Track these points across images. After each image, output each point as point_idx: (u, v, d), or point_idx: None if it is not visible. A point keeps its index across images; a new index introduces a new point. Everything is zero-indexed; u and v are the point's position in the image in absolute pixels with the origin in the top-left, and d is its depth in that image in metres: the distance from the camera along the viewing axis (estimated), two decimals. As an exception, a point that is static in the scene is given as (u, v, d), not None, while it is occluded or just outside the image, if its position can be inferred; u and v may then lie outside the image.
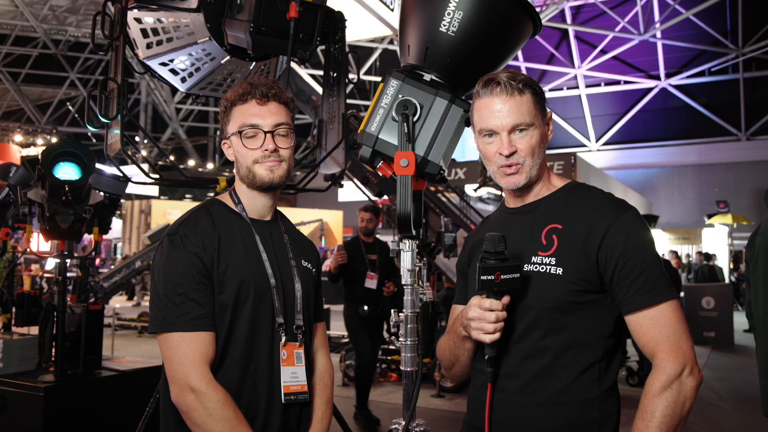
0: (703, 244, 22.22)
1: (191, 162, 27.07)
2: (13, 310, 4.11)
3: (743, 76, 25.66)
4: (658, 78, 27.09)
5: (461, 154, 19.91)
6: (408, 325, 1.53)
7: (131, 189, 19.24)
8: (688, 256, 22.31)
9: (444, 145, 1.53)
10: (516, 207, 1.66)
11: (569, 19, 27.15)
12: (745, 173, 24.54)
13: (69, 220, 3.39)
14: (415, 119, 1.52)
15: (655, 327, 1.46)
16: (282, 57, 3.39)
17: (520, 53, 26.23)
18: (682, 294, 10.46)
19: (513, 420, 1.52)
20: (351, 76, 3.75)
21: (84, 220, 3.47)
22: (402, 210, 1.50)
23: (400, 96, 1.53)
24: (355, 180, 6.92)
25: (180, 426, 1.60)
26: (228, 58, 3.17)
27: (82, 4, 22.67)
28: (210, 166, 27.81)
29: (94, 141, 22.64)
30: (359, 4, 11.85)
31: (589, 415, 1.49)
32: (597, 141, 28.07)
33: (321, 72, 4.12)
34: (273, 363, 1.67)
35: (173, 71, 3.23)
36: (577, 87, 28.30)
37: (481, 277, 1.42)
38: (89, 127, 3.36)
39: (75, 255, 3.79)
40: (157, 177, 3.74)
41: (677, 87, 26.90)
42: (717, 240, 21.64)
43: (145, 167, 3.55)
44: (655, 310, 1.46)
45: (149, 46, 3.15)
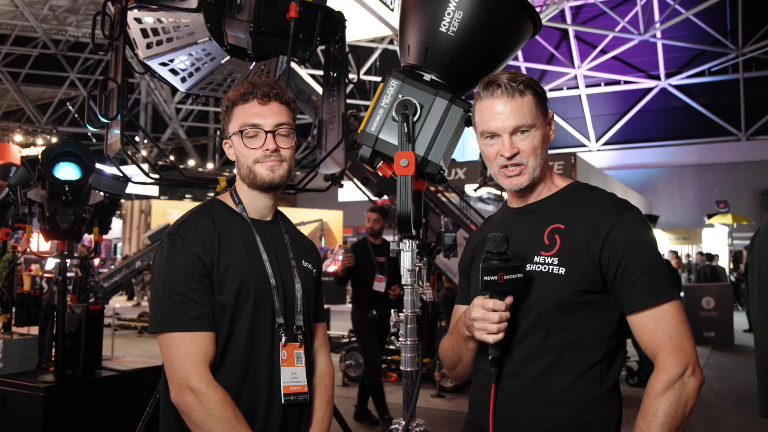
0: (703, 244, 22.23)
1: (191, 162, 27.07)
2: (13, 310, 4.11)
3: (743, 76, 25.66)
4: (658, 78, 27.09)
5: (461, 154, 19.90)
6: (408, 325, 1.53)
7: (131, 189, 19.24)
8: (688, 256, 22.32)
9: (444, 145, 1.52)
10: (518, 207, 1.66)
11: (569, 19, 27.15)
12: (745, 173, 24.53)
13: (69, 220, 3.39)
14: (415, 119, 1.52)
15: (658, 327, 1.46)
16: (282, 57, 3.38)
17: (520, 53, 26.23)
18: (682, 294, 10.46)
19: (515, 420, 1.52)
20: (351, 76, 3.75)
21: (84, 220, 3.47)
22: (402, 210, 1.50)
23: (400, 96, 1.53)
24: (355, 180, 6.92)
25: (180, 426, 1.60)
26: (228, 58, 3.17)
27: (82, 4, 22.67)
28: (210, 166, 27.81)
29: (94, 141, 22.65)
30: (359, 4, 11.85)
31: (591, 415, 1.49)
32: (597, 141, 28.07)
33: (321, 72, 4.11)
34: (273, 363, 1.67)
35: (173, 71, 3.23)
36: (577, 87, 28.30)
37: (485, 278, 1.42)
38: (89, 127, 3.36)
39: (75, 255, 3.79)
40: (157, 177, 3.74)
41: (677, 87, 26.90)
42: (717, 240, 21.66)
43: (145, 167, 3.55)
44: (658, 310, 1.47)
45: (149, 46, 3.15)
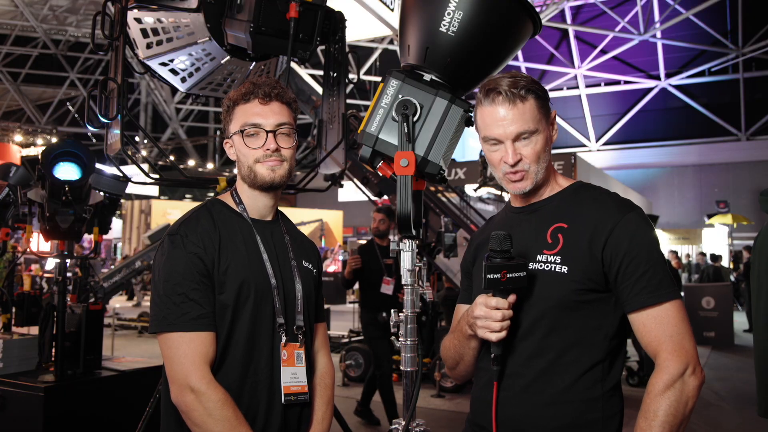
0: (703, 244, 22.23)
1: (191, 162, 27.06)
2: (13, 310, 4.11)
3: (743, 76, 25.65)
4: (658, 78, 27.09)
5: (461, 154, 19.90)
6: (408, 325, 1.53)
7: (131, 189, 19.24)
8: (688, 256, 22.33)
9: (444, 145, 1.52)
10: (522, 206, 1.67)
11: (569, 19, 27.14)
12: (745, 173, 24.53)
13: (69, 220, 3.39)
14: (415, 119, 1.51)
15: (659, 326, 1.46)
16: (282, 57, 3.38)
17: (520, 53, 26.22)
18: (681, 294, 10.45)
19: (517, 419, 1.52)
20: (351, 76, 3.75)
21: (84, 220, 3.47)
22: (402, 210, 1.50)
23: (400, 96, 1.53)
24: (355, 180, 6.92)
25: (180, 426, 1.60)
26: (228, 58, 3.17)
27: (82, 4, 22.67)
28: (210, 166, 27.80)
29: (94, 141, 22.65)
30: (359, 4, 11.86)
31: (592, 415, 1.49)
32: (597, 141, 28.07)
33: (321, 72, 4.11)
34: (273, 363, 1.67)
35: (173, 71, 3.23)
36: (577, 87, 28.30)
37: (488, 276, 1.42)
38: (89, 127, 3.36)
39: (76, 255, 3.79)
40: (157, 177, 3.74)
41: (677, 87, 26.90)
42: (717, 240, 21.66)
43: (145, 167, 3.56)
44: (659, 309, 1.47)
45: (149, 46, 3.15)
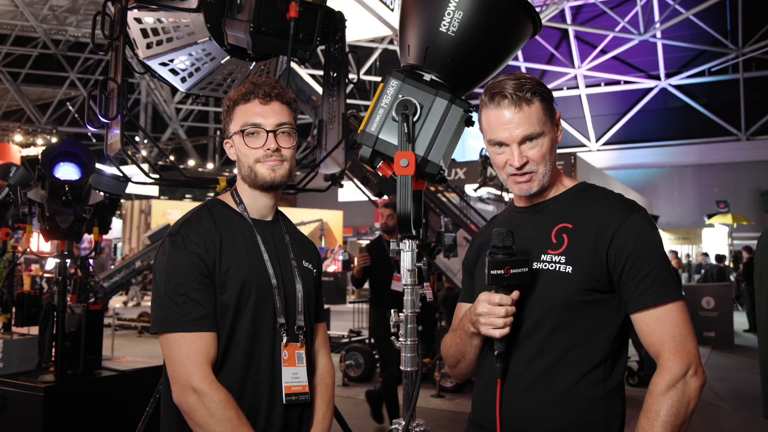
0: (703, 244, 22.23)
1: (191, 162, 27.06)
2: (13, 310, 4.11)
3: (743, 76, 25.66)
4: (658, 78, 27.09)
5: (461, 154, 19.90)
6: (408, 325, 1.53)
7: (131, 189, 19.24)
8: (688, 256, 22.34)
9: (444, 145, 1.52)
10: (526, 206, 1.67)
11: (569, 19, 27.14)
12: (745, 173, 24.53)
13: (69, 220, 3.39)
14: (415, 119, 1.51)
15: (662, 327, 1.47)
16: (282, 57, 3.38)
17: (520, 53, 26.22)
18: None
19: (519, 419, 1.52)
20: (351, 76, 3.75)
21: (84, 220, 3.47)
22: (402, 210, 1.50)
23: (400, 96, 1.53)
24: (355, 180, 6.92)
25: (182, 426, 1.60)
26: (228, 58, 3.17)
27: (82, 4, 22.66)
28: (210, 166, 27.80)
29: (94, 141, 22.64)
30: (359, 4, 11.86)
31: (595, 415, 1.50)
32: (597, 141, 28.07)
33: (321, 72, 4.11)
34: (274, 363, 1.67)
35: (173, 71, 3.23)
36: (577, 87, 28.30)
37: (491, 272, 1.43)
38: (89, 127, 3.36)
39: (83, 256, 3.79)
40: (157, 177, 3.74)
41: (677, 87, 26.90)
42: (717, 240, 21.66)
43: (145, 167, 3.55)
44: (662, 309, 1.47)
45: (149, 46, 3.15)
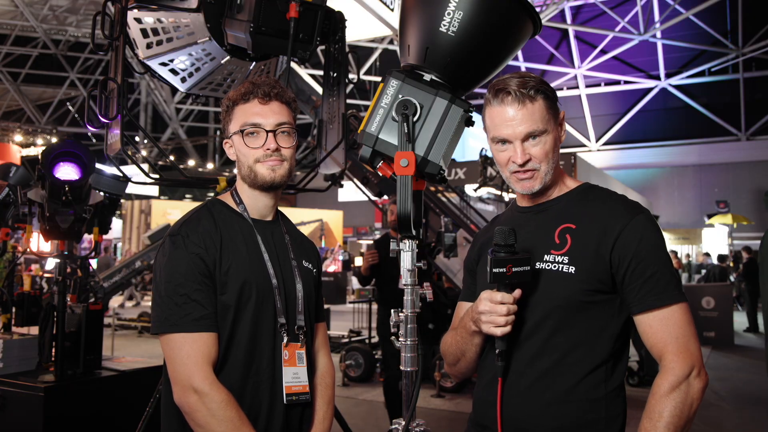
0: (703, 244, 22.22)
1: (191, 162, 27.06)
2: (13, 310, 4.10)
3: (743, 76, 25.66)
4: (658, 78, 27.08)
5: (461, 154, 19.87)
6: (408, 325, 1.53)
7: (131, 189, 19.24)
8: (688, 256, 22.35)
9: (444, 145, 1.52)
10: (528, 206, 1.67)
11: (569, 19, 27.14)
12: (745, 173, 24.54)
13: (69, 220, 3.39)
14: (415, 119, 1.51)
15: (665, 328, 1.47)
16: (282, 57, 3.38)
17: (520, 53, 26.22)
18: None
19: (520, 418, 1.53)
20: (351, 76, 3.75)
21: (84, 220, 3.47)
22: (402, 210, 1.50)
23: (400, 96, 1.53)
24: (355, 180, 6.92)
25: (182, 426, 1.60)
26: (228, 58, 3.16)
27: (82, 4, 22.66)
28: (210, 166, 27.80)
29: (94, 141, 22.64)
30: (359, 4, 11.86)
31: (596, 415, 1.50)
32: (597, 141, 28.07)
33: (321, 72, 4.11)
34: (275, 364, 1.67)
35: (173, 71, 3.23)
36: (577, 87, 28.30)
37: (493, 270, 1.43)
38: (89, 127, 3.36)
39: (83, 255, 3.79)
40: (157, 177, 3.74)
41: (677, 87, 26.90)
42: (717, 240, 21.65)
43: (145, 167, 3.55)
44: (666, 311, 1.48)
45: (149, 46, 3.15)
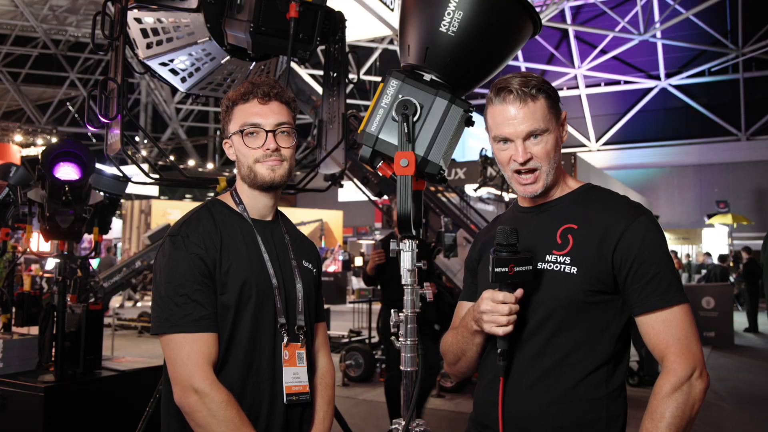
0: (703, 244, 22.21)
1: (191, 162, 27.06)
2: (13, 310, 4.10)
3: (743, 76, 25.66)
4: (658, 78, 27.08)
5: (461, 154, 19.87)
6: (408, 325, 1.53)
7: (131, 189, 19.24)
8: (688, 256, 22.35)
9: (444, 145, 1.52)
10: (530, 206, 1.67)
11: (569, 19, 27.14)
12: (745, 173, 24.54)
13: (69, 220, 3.39)
14: (415, 119, 1.51)
15: (667, 329, 1.48)
16: (282, 57, 3.38)
17: (520, 53, 26.22)
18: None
19: (521, 418, 1.53)
20: (351, 76, 3.75)
21: (84, 220, 3.47)
22: (402, 210, 1.50)
23: (400, 96, 1.52)
24: (355, 180, 6.92)
25: (182, 426, 1.60)
26: (228, 58, 3.17)
27: (82, 4, 22.65)
28: (210, 166, 27.80)
29: (94, 141, 22.63)
30: (359, 4, 11.87)
31: (596, 415, 1.50)
32: (597, 141, 28.07)
33: (321, 72, 4.11)
34: (275, 364, 1.67)
35: (173, 71, 3.23)
36: (577, 87, 28.29)
37: (495, 270, 1.43)
38: (89, 127, 3.36)
39: (83, 255, 3.78)
40: (157, 177, 3.74)
41: (677, 87, 26.89)
42: (717, 240, 21.65)
43: (145, 167, 3.55)
44: (668, 312, 1.48)
45: (149, 46, 3.15)
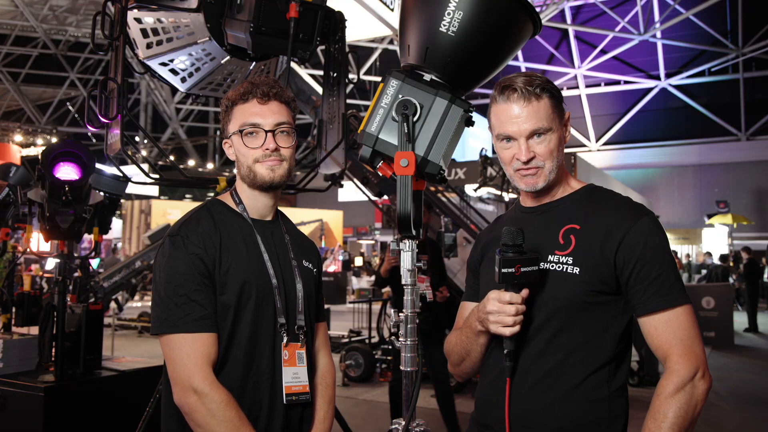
0: (703, 244, 22.21)
1: (191, 162, 27.07)
2: (13, 310, 4.11)
3: (743, 76, 25.66)
4: (658, 78, 27.09)
5: (461, 154, 19.87)
6: (408, 325, 1.53)
7: (131, 189, 19.24)
8: (688, 256, 22.35)
9: (444, 145, 1.52)
10: (532, 206, 1.67)
11: (569, 19, 27.15)
12: (745, 173, 24.54)
13: (69, 220, 3.39)
14: (415, 119, 1.51)
15: (670, 330, 1.48)
16: (282, 57, 3.38)
17: (520, 53, 26.22)
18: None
19: (523, 417, 1.53)
20: (351, 76, 3.75)
21: (84, 220, 3.47)
22: (402, 210, 1.50)
23: (400, 96, 1.53)
24: (355, 180, 6.92)
25: (182, 427, 1.60)
26: (228, 58, 3.17)
27: (82, 4, 22.66)
28: (210, 166, 27.81)
29: (94, 141, 22.63)
30: (359, 4, 11.87)
31: (598, 415, 1.50)
32: (597, 141, 28.07)
33: (321, 72, 4.11)
34: (275, 363, 1.67)
35: (173, 71, 3.23)
36: (577, 87, 28.29)
37: (502, 270, 1.43)
38: (89, 127, 3.36)
39: (83, 255, 3.79)
40: (157, 177, 3.74)
41: (677, 87, 26.90)
42: (717, 240, 21.65)
43: (145, 167, 3.55)
44: (670, 313, 1.48)
45: (149, 46, 3.15)
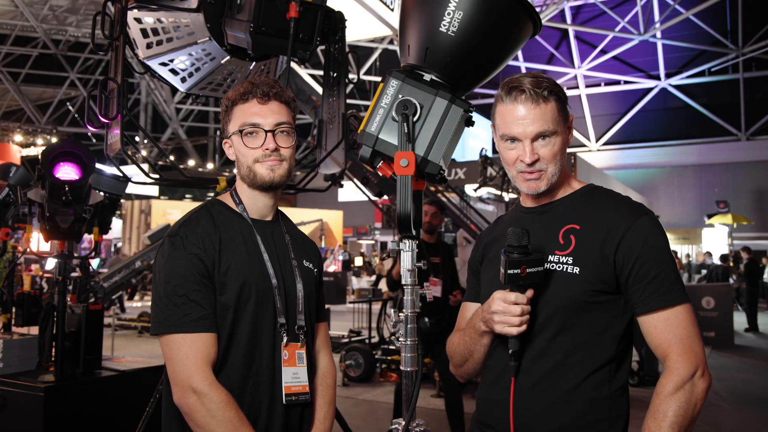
0: (703, 244, 22.22)
1: (191, 162, 27.08)
2: (13, 310, 4.11)
3: (743, 76, 25.68)
4: (658, 78, 27.10)
5: (461, 154, 19.89)
6: (408, 325, 1.53)
7: (131, 189, 19.24)
8: (688, 256, 22.36)
9: (444, 145, 1.52)
10: (533, 207, 1.67)
11: (569, 19, 27.16)
12: (745, 173, 24.55)
13: (69, 220, 3.39)
14: (415, 119, 1.51)
15: (669, 329, 1.48)
16: (282, 57, 3.38)
17: (520, 53, 26.23)
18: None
19: (524, 417, 1.53)
20: (351, 76, 3.75)
21: (84, 220, 3.47)
22: (402, 210, 1.50)
23: (400, 96, 1.53)
24: (355, 180, 6.92)
25: (182, 427, 1.60)
26: (228, 58, 3.17)
27: (82, 4, 22.67)
28: (210, 166, 27.82)
29: (94, 141, 22.64)
30: (359, 4, 11.88)
31: (599, 415, 1.50)
32: (597, 141, 28.08)
33: (321, 72, 4.11)
34: (275, 364, 1.67)
35: (173, 71, 3.23)
36: (577, 87, 28.31)
37: (508, 271, 1.44)
38: (89, 127, 3.36)
39: (83, 255, 3.79)
40: (157, 177, 3.74)
41: (677, 87, 26.91)
42: (717, 240, 21.66)
43: (145, 167, 3.55)
44: (670, 312, 1.48)
45: (149, 46, 3.15)
